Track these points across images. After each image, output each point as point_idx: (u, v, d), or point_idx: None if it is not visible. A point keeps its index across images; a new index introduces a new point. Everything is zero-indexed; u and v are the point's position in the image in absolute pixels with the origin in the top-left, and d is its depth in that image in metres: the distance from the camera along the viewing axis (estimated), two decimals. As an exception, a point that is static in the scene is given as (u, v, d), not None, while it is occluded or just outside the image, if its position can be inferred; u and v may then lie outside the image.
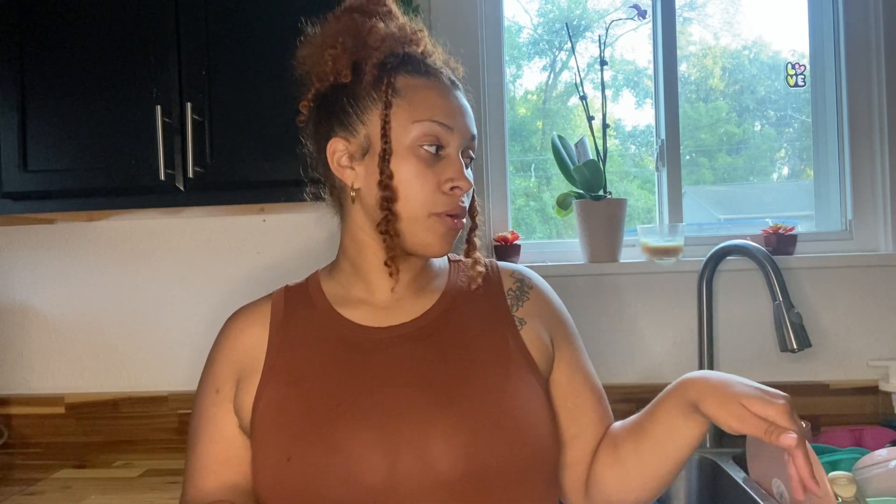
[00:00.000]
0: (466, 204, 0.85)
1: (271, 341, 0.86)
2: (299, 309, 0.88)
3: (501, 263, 0.96)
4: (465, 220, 0.85)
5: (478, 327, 0.86)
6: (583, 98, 1.70)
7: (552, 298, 0.94)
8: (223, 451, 0.84)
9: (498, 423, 0.78)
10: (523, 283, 0.92)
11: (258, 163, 1.37)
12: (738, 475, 1.26)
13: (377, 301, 0.87)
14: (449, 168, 0.81)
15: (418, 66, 0.84)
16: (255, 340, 0.87)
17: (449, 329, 0.85)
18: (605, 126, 1.68)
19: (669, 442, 0.82)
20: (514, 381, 0.82)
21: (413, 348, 0.83)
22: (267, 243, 1.74)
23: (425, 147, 0.81)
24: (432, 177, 0.81)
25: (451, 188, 0.81)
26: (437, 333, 0.85)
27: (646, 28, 1.80)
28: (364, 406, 0.79)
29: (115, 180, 1.40)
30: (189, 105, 1.36)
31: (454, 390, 0.80)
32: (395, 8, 0.89)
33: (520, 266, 0.97)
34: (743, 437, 1.28)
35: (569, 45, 1.77)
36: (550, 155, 1.73)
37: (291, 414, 0.80)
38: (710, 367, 1.49)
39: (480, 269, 0.89)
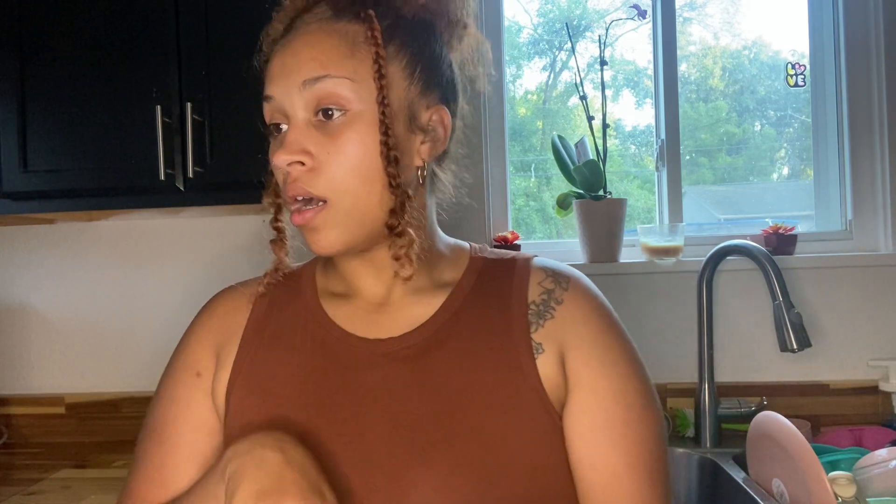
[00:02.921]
0: (316, 185, 0.67)
1: (246, 332, 0.77)
2: (285, 298, 0.79)
3: (537, 261, 0.76)
4: (319, 205, 0.68)
5: (482, 351, 0.69)
6: (583, 98, 1.70)
7: (584, 317, 0.72)
8: (206, 443, 0.74)
9: (494, 482, 0.64)
10: (551, 295, 0.72)
11: (258, 163, 1.36)
12: (738, 475, 1.26)
13: (368, 299, 0.74)
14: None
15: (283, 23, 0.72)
16: (234, 326, 0.78)
17: (445, 351, 0.69)
18: (605, 126, 1.68)
19: None
20: (520, 427, 0.66)
21: (397, 374, 0.69)
22: (267, 243, 1.73)
23: (273, 132, 0.71)
24: None
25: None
26: (428, 355, 0.69)
27: (646, 28, 1.80)
28: (331, 444, 0.67)
29: (115, 180, 1.40)
30: (189, 105, 1.36)
31: (440, 436, 0.65)
32: None
33: (559, 267, 0.76)
34: (743, 437, 1.28)
35: (569, 45, 1.77)
36: (550, 155, 1.73)
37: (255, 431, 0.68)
38: (710, 367, 1.48)
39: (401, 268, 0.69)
